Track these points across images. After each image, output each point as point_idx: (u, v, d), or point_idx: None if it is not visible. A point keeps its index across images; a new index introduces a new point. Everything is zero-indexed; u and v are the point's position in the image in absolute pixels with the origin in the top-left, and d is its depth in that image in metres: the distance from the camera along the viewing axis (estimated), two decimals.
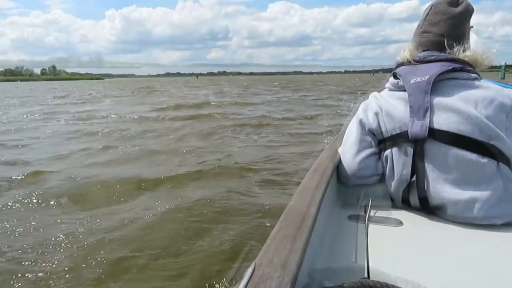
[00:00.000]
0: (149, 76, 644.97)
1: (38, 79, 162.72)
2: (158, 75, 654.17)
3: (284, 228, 0.71)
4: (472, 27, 1.20)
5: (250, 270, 0.56)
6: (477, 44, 1.17)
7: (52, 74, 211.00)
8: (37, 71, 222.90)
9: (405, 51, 1.20)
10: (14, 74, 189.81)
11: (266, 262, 0.58)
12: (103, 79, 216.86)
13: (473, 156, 1.00)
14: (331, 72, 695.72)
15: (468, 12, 1.16)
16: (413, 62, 1.15)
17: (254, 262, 0.58)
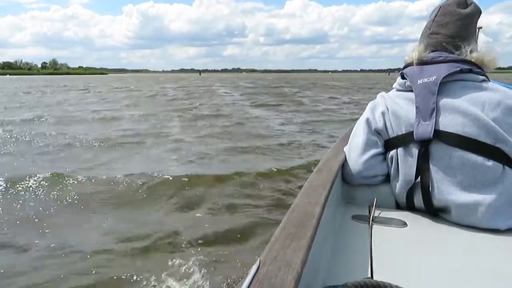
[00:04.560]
0: (163, 71, 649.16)
1: (38, 73, 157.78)
2: (172, 71, 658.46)
3: (289, 226, 0.72)
4: (481, 27, 1.20)
5: (254, 267, 0.56)
6: (483, 45, 1.17)
7: (53, 68, 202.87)
8: (38, 64, 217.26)
9: (413, 52, 1.19)
10: (12, 68, 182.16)
11: (270, 260, 0.58)
12: (106, 74, 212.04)
13: (478, 158, 0.99)
14: (347, 71, 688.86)
15: (477, 13, 1.16)
16: (421, 63, 1.14)
17: (258, 259, 0.59)
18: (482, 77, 1.08)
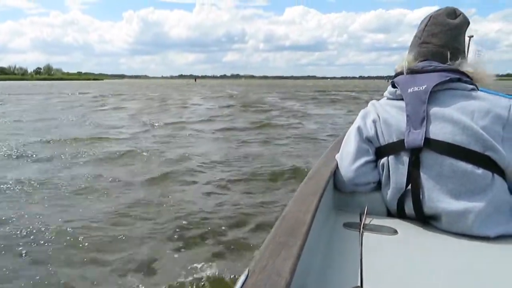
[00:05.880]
0: (162, 77, 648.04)
1: (31, 79, 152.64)
2: (171, 77, 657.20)
3: (279, 235, 0.72)
4: (472, 36, 1.23)
5: (243, 277, 0.57)
6: (478, 61, 1.18)
7: (47, 73, 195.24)
8: (30, 70, 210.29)
9: (403, 61, 1.20)
10: (5, 73, 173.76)
11: (259, 269, 0.59)
12: (102, 79, 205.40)
13: (468, 166, 1.00)
14: (346, 77, 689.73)
15: (465, 23, 1.19)
16: (411, 72, 1.16)
17: (247, 269, 0.59)
18: (471, 86, 1.09)
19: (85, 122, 10.17)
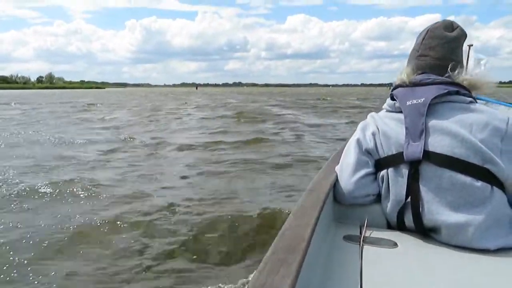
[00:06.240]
0: (165, 86, 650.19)
1: (33, 88, 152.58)
2: (174, 85, 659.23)
3: (278, 251, 0.71)
4: (472, 45, 1.38)
5: None
6: (476, 69, 1.24)
7: (49, 82, 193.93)
8: (33, 79, 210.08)
9: (402, 74, 1.21)
10: (7, 82, 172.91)
11: (259, 286, 0.59)
12: (104, 88, 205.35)
13: (467, 179, 1.00)
14: (348, 85, 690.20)
15: (463, 36, 1.20)
16: (410, 85, 1.16)
17: (246, 286, 0.61)
18: (469, 99, 1.10)
19: (52, 137, 8.95)
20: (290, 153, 6.83)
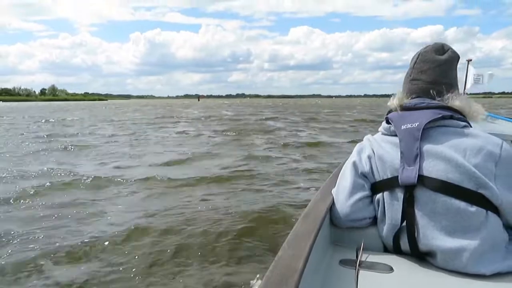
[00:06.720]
0: (168, 97, 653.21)
1: (36, 100, 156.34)
2: (177, 97, 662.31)
3: (272, 281, 0.72)
4: (470, 60, 1.32)
5: None
6: (476, 84, 1.22)
7: (51, 94, 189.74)
8: (38, 91, 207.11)
9: (394, 98, 1.21)
10: (10, 94, 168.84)
11: None
12: (106, 99, 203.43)
13: (461, 204, 1.01)
14: (351, 96, 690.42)
15: (454, 58, 1.20)
16: (404, 109, 1.17)
17: None
18: (463, 123, 1.11)
19: None
20: (275, 201, 4.23)
